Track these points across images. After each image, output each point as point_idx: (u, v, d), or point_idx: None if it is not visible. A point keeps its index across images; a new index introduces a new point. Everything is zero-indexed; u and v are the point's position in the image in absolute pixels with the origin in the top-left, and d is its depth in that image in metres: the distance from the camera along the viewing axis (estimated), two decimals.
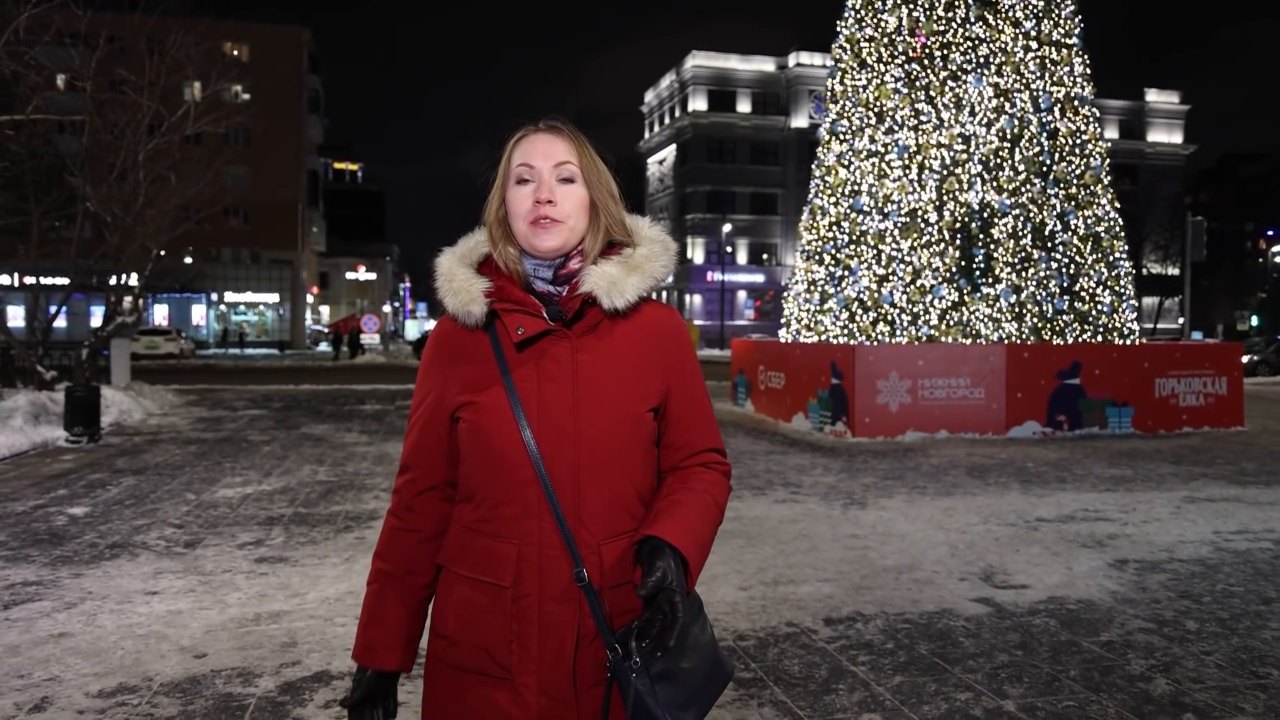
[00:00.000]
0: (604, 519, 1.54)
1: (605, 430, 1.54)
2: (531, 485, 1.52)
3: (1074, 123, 14.04)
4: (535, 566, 1.52)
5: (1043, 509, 7.48)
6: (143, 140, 15.23)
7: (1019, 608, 4.84)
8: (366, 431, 12.58)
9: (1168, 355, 13.07)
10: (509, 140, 1.61)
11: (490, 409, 1.54)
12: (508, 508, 1.54)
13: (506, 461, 1.53)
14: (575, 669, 1.52)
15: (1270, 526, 6.80)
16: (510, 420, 1.53)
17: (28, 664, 4.04)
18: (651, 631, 1.43)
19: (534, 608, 1.52)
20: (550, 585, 1.52)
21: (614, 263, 1.59)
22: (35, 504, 7.64)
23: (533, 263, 1.59)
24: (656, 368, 1.61)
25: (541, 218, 1.54)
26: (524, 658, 1.52)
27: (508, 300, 1.57)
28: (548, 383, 1.54)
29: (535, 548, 1.52)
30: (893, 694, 3.71)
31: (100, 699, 3.67)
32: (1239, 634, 4.42)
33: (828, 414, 12.51)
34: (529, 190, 1.56)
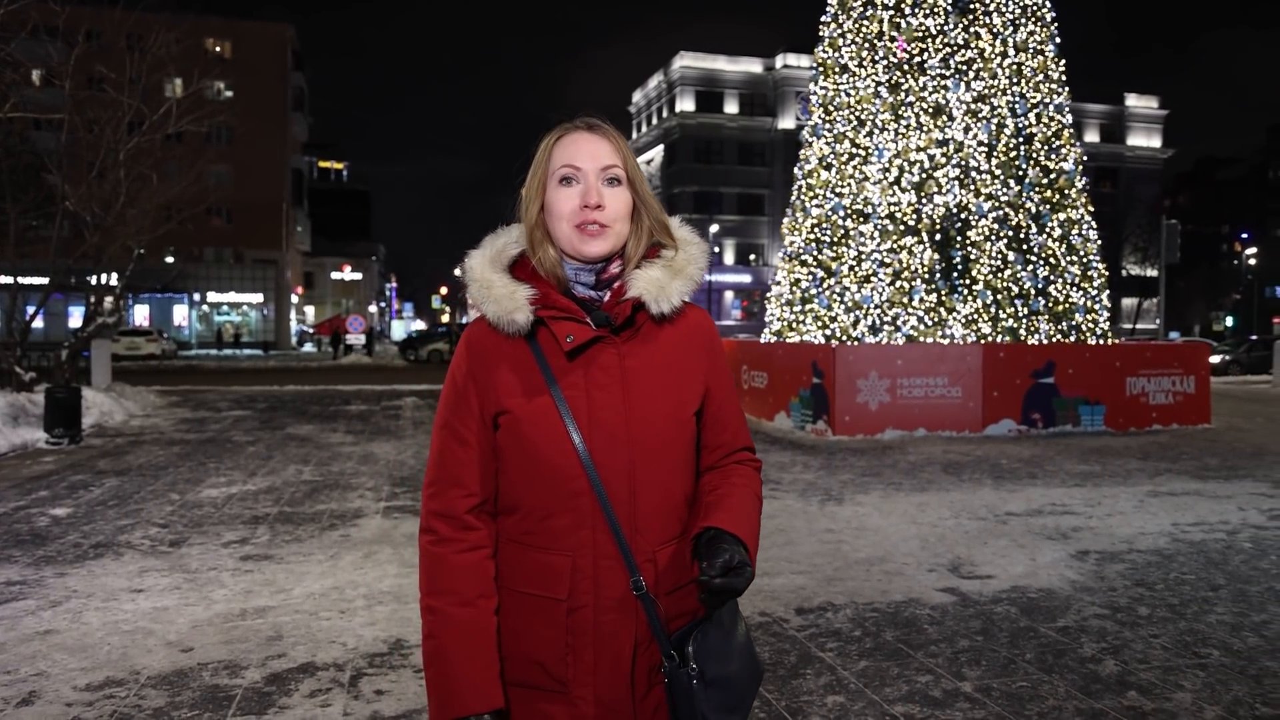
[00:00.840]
0: (658, 525, 1.53)
1: (657, 435, 1.53)
2: (585, 495, 1.49)
3: (1050, 128, 14.27)
4: (590, 578, 1.50)
5: (1013, 504, 7.66)
6: (123, 138, 15.20)
7: (983, 597, 5.02)
8: (352, 432, 12.67)
9: (1138, 355, 13.31)
10: (548, 138, 1.57)
11: (538, 417, 1.50)
12: (559, 519, 1.50)
13: (557, 471, 1.49)
14: (633, 677, 1.51)
15: (1226, 518, 7.01)
16: (560, 429, 1.49)
17: (14, 660, 4.14)
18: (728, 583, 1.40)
19: (589, 619, 1.50)
20: (606, 595, 1.50)
21: (658, 266, 1.57)
22: (16, 505, 7.70)
23: (573, 267, 1.55)
24: (698, 370, 1.60)
25: (590, 222, 1.51)
26: (580, 669, 1.50)
27: (553, 308, 1.52)
28: (597, 390, 1.51)
29: (590, 559, 1.50)
30: (857, 677, 3.87)
31: (88, 692, 3.79)
32: (1186, 618, 4.62)
33: (809, 413, 12.68)
34: (575, 192, 1.52)
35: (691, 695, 1.45)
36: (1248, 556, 5.86)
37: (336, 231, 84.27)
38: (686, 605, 1.55)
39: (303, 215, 64.69)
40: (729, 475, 1.61)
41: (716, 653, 1.48)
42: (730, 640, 1.51)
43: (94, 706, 3.63)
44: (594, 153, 1.52)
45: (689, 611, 1.55)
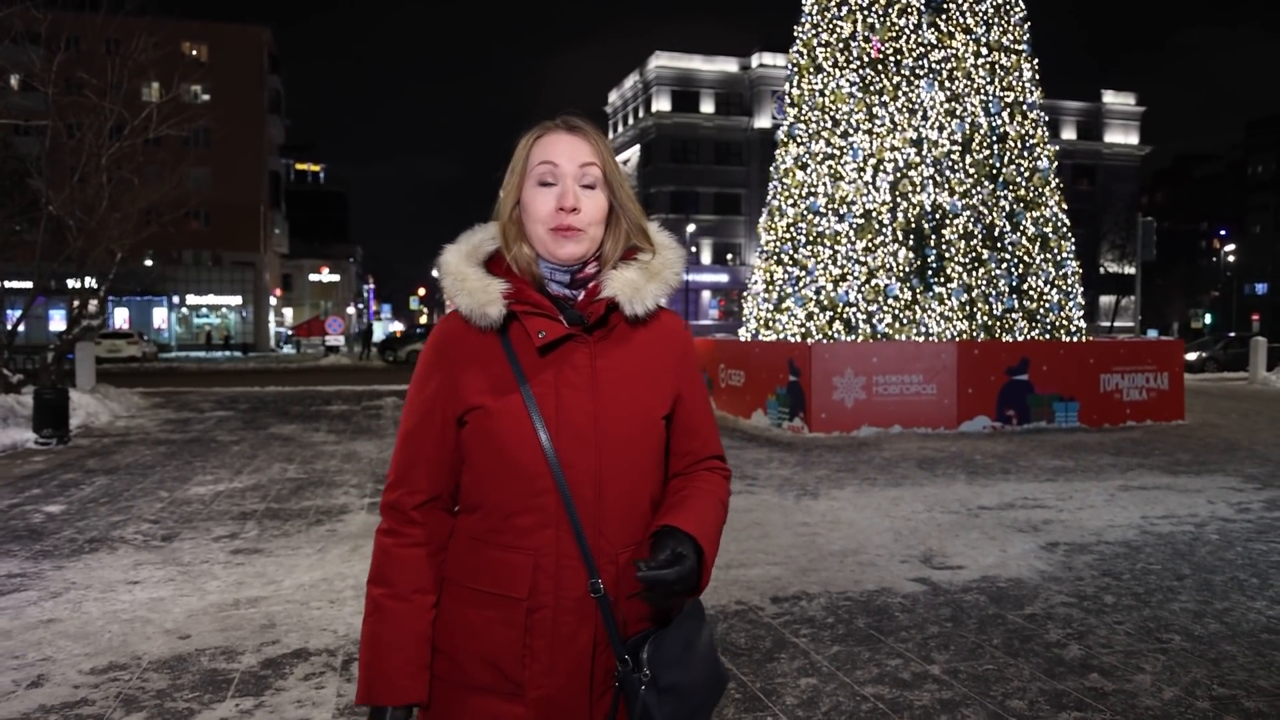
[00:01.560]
0: (622, 528, 1.51)
1: (625, 437, 1.51)
2: (550, 494, 1.46)
3: (1023, 127, 14.54)
4: (552, 577, 1.47)
5: (985, 498, 7.88)
6: (105, 143, 15.24)
7: (953, 586, 5.21)
8: (334, 431, 12.77)
9: (1112, 352, 13.60)
10: (528, 137, 1.55)
11: (505, 414, 1.48)
12: (523, 517, 1.48)
13: (523, 470, 1.47)
14: (591, 679, 1.49)
15: (1194, 511, 7.24)
16: (528, 426, 1.47)
17: (21, 646, 4.28)
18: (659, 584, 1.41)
19: (548, 620, 1.47)
20: (566, 596, 1.47)
21: (634, 269, 1.55)
22: (10, 503, 7.79)
23: (549, 265, 1.54)
24: (670, 374, 1.59)
25: (564, 226, 1.49)
26: (536, 670, 1.47)
27: (526, 303, 1.51)
28: (567, 388, 1.49)
29: (553, 558, 1.47)
30: (829, 661, 4.05)
31: (93, 675, 3.92)
32: (1150, 606, 4.82)
33: (785, 410, 12.88)
34: (552, 194, 1.50)
35: (641, 701, 1.44)
36: (1214, 548, 6.07)
37: (314, 233, 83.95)
38: (647, 610, 1.51)
39: (280, 217, 64.44)
40: (694, 480, 1.60)
41: (673, 660, 1.47)
42: (690, 649, 1.49)
43: (100, 688, 3.77)
44: (573, 153, 1.51)
45: (650, 617, 1.52)
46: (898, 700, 3.62)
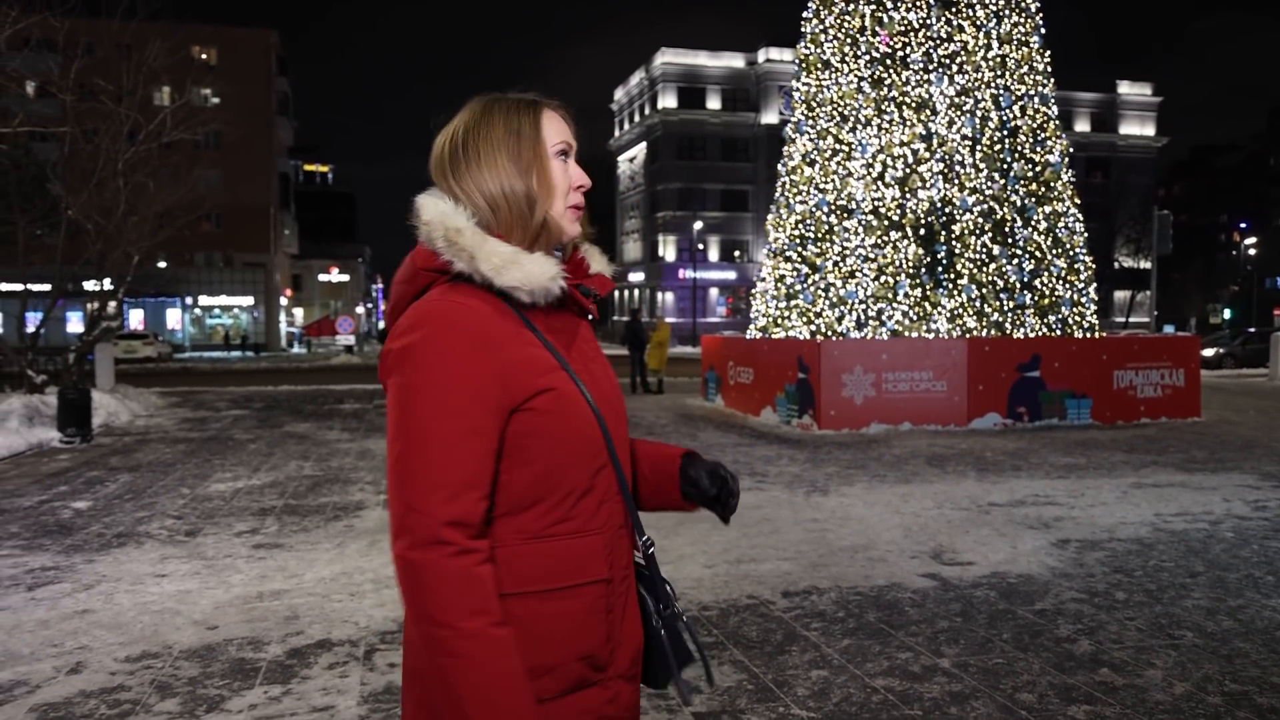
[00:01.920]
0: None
1: (622, 403, 1.55)
2: (607, 468, 1.44)
3: (1035, 120, 14.55)
4: (614, 550, 1.45)
5: (996, 495, 7.94)
6: (121, 148, 15.44)
7: (963, 581, 5.29)
8: (348, 429, 12.90)
9: (1126, 348, 13.61)
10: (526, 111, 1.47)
11: (565, 394, 1.40)
12: (589, 497, 1.42)
13: (590, 446, 1.42)
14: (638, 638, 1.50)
15: (1209, 509, 7.28)
16: (584, 403, 1.42)
17: (58, 635, 4.42)
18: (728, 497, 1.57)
19: (619, 593, 1.45)
20: (620, 564, 1.46)
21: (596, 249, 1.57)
22: (40, 499, 7.95)
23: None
24: None
25: (579, 205, 1.50)
26: (611, 649, 1.44)
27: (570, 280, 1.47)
28: (590, 362, 1.49)
29: (612, 530, 1.45)
30: (840, 654, 4.14)
31: (128, 663, 4.05)
32: (1162, 603, 4.88)
33: (794, 407, 12.95)
34: (568, 170, 1.48)
35: (688, 636, 1.51)
36: (1228, 545, 6.10)
37: (323, 234, 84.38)
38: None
39: (290, 218, 64.77)
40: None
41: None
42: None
43: (135, 675, 3.91)
44: (572, 132, 1.50)
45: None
46: (908, 692, 3.70)
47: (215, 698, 3.69)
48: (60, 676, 3.93)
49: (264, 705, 3.63)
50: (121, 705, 3.63)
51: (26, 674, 3.96)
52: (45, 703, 3.66)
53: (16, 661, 4.11)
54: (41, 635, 4.45)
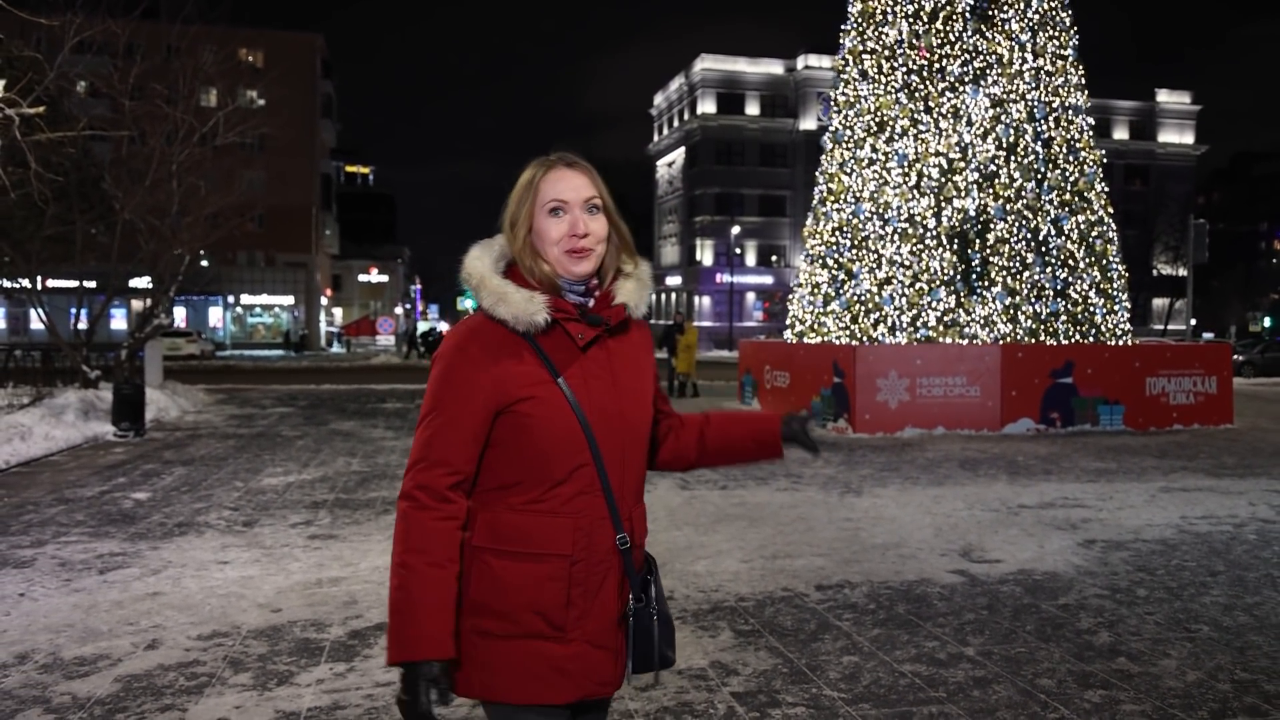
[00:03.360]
0: (635, 491, 1.86)
1: (639, 417, 1.86)
2: (588, 466, 1.76)
3: (1068, 131, 14.62)
4: (587, 535, 1.77)
5: (1026, 497, 8.09)
6: (176, 150, 15.90)
7: (990, 578, 5.47)
8: (391, 428, 13.26)
9: (1158, 355, 13.65)
10: (532, 172, 1.82)
11: (550, 402, 1.75)
12: (564, 487, 1.76)
13: (568, 447, 1.75)
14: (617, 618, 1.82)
15: (1234, 513, 7.40)
16: (569, 412, 1.75)
17: (133, 615, 4.74)
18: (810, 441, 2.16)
19: (583, 571, 1.76)
20: (595, 550, 1.77)
21: (632, 280, 1.88)
22: (101, 490, 8.35)
23: (565, 280, 1.82)
24: (651, 365, 1.95)
25: (579, 249, 1.78)
26: (573, 615, 1.76)
27: (561, 311, 1.79)
28: (593, 380, 1.80)
29: (588, 519, 1.77)
30: (870, 642, 4.35)
31: (201, 641, 4.36)
32: (1182, 599, 5.04)
33: (830, 411, 13.12)
34: (564, 222, 1.78)
35: (650, 632, 1.84)
36: (1250, 547, 6.25)
37: (363, 235, 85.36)
38: (640, 557, 1.87)
39: (331, 219, 65.67)
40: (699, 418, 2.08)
41: (661, 596, 1.88)
42: (662, 588, 1.90)
43: (208, 651, 4.21)
44: (577, 186, 1.78)
45: (641, 563, 1.87)
46: (933, 677, 3.91)
47: (285, 673, 3.98)
48: (139, 652, 4.24)
49: (330, 680, 3.91)
50: (199, 678, 3.93)
51: (107, 649, 4.27)
52: (128, 674, 3.97)
53: (97, 638, 4.42)
54: (117, 614, 4.77)
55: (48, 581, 5.37)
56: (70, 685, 3.83)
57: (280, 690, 3.79)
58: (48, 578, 5.45)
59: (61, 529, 6.75)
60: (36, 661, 4.09)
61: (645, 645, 1.84)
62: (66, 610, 4.83)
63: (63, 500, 7.88)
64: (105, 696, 3.71)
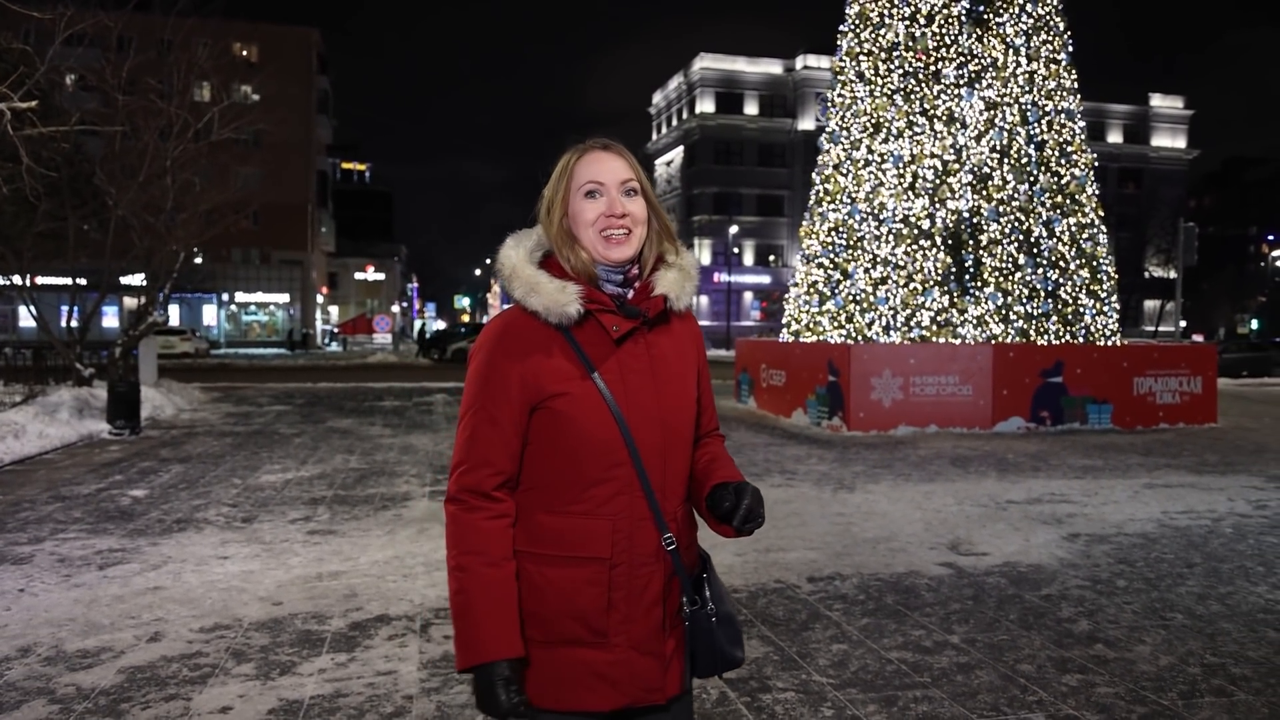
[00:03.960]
0: (679, 490, 1.78)
1: (680, 414, 1.78)
2: (625, 466, 1.69)
3: (1061, 134, 14.76)
4: (627, 537, 1.70)
5: (1014, 493, 8.21)
6: (171, 145, 15.90)
7: (977, 570, 5.59)
8: (389, 425, 13.35)
9: (1146, 355, 13.79)
10: (569, 157, 1.77)
11: (585, 399, 1.68)
12: (601, 487, 1.70)
13: (603, 445, 1.69)
14: (663, 623, 1.75)
15: (1213, 508, 7.53)
16: (605, 409, 1.69)
17: (135, 609, 4.82)
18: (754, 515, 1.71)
19: (625, 575, 1.70)
20: (639, 552, 1.71)
21: (674, 270, 1.80)
22: (98, 487, 8.42)
23: (603, 268, 1.75)
24: (695, 362, 1.86)
25: (615, 229, 1.72)
26: (615, 619, 1.70)
27: (595, 302, 1.72)
28: (631, 375, 1.72)
29: (628, 521, 1.70)
30: (859, 631, 4.46)
31: (203, 633, 4.45)
32: (1159, 589, 5.17)
33: (825, 409, 13.24)
34: (599, 204, 1.72)
35: (712, 631, 1.76)
36: (1227, 540, 6.39)
37: (360, 232, 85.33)
38: (689, 559, 1.80)
39: (327, 216, 65.63)
40: (713, 446, 1.92)
41: (719, 595, 1.79)
42: (722, 585, 1.82)
43: (211, 643, 4.30)
44: (613, 169, 1.73)
45: (690, 565, 1.80)
46: (919, 663, 4.03)
47: (287, 663, 4.08)
48: (141, 644, 4.32)
49: (332, 670, 4.01)
50: (202, 668, 4.02)
51: (110, 641, 4.36)
52: (131, 665, 4.06)
53: (99, 631, 4.51)
54: (119, 608, 4.85)
55: (47, 577, 5.44)
56: (74, 677, 3.92)
57: (283, 679, 3.89)
58: (47, 573, 5.52)
59: (59, 526, 6.82)
60: (39, 654, 4.17)
61: (706, 646, 1.78)
62: (67, 605, 4.91)
63: (59, 498, 7.94)
64: (109, 687, 3.81)
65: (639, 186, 1.75)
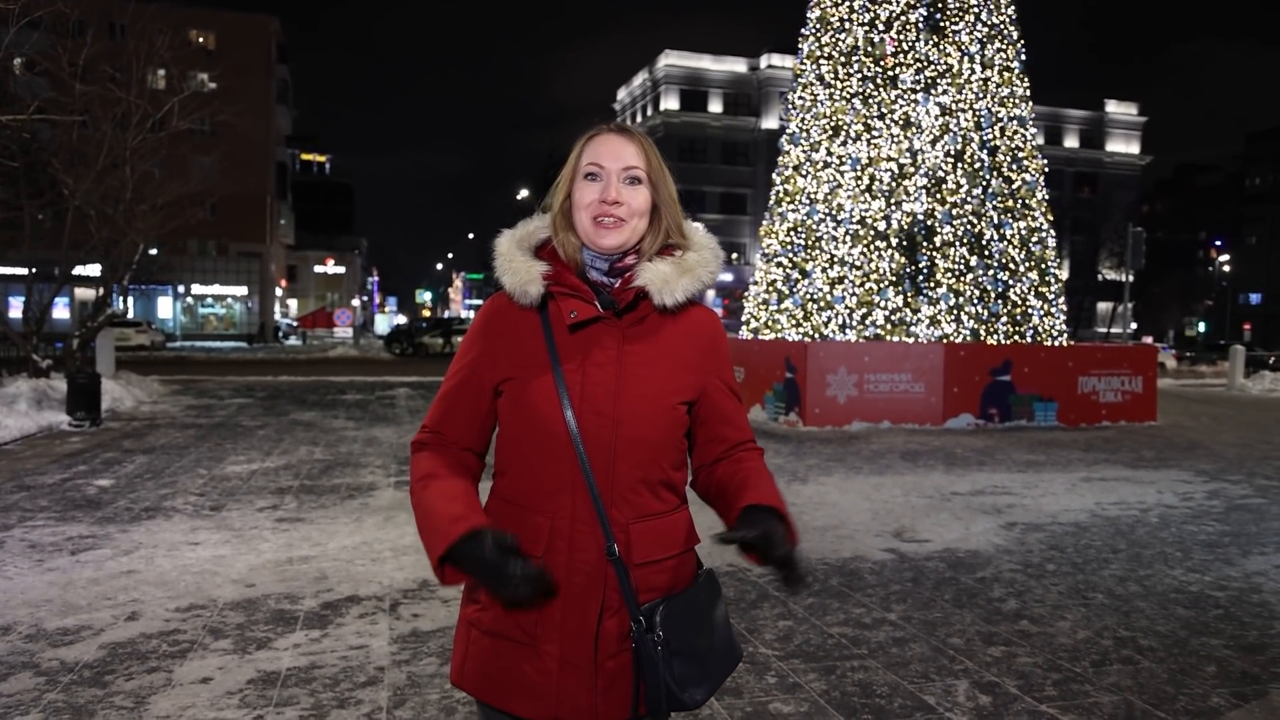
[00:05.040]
0: (633, 500, 1.62)
1: (643, 417, 1.63)
2: (568, 461, 1.59)
3: (1013, 141, 15.24)
4: (566, 538, 1.60)
5: (959, 485, 8.59)
6: (130, 135, 15.77)
7: (918, 555, 5.92)
8: (353, 418, 13.47)
9: (1090, 356, 14.31)
10: (583, 138, 1.70)
11: (536, 386, 1.62)
12: (544, 481, 1.62)
13: (546, 437, 1.61)
14: (598, 638, 1.60)
15: (1143, 499, 7.97)
16: (554, 399, 1.60)
17: (110, 590, 4.99)
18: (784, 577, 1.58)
19: (561, 577, 1.59)
20: (578, 557, 1.59)
21: (668, 262, 1.69)
22: (62, 477, 8.49)
23: (590, 254, 1.67)
24: (696, 366, 1.71)
25: (606, 215, 1.64)
26: (547, 625, 1.59)
27: (563, 285, 1.65)
28: (593, 367, 1.62)
29: (567, 521, 1.60)
30: (804, 610, 4.76)
31: (179, 613, 4.63)
32: (1084, 573, 5.54)
33: (782, 405, 13.58)
34: (596, 187, 1.65)
35: (656, 663, 1.57)
36: (1151, 529, 6.81)
37: (319, 225, 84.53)
38: (655, 581, 1.63)
39: (286, 208, 65.00)
40: (745, 460, 1.75)
41: (686, 626, 1.60)
42: (706, 617, 1.63)
43: (188, 622, 4.49)
44: (618, 153, 1.66)
45: (658, 588, 1.63)
46: (858, 637, 4.33)
47: (263, 639, 4.28)
48: (119, 623, 4.50)
49: (306, 645, 4.22)
50: (181, 644, 4.21)
51: (89, 620, 4.53)
52: (112, 641, 4.24)
53: (77, 611, 4.67)
54: (94, 590, 5.01)
55: (19, 562, 5.56)
56: (57, 652, 4.09)
57: (259, 653, 4.09)
58: (18, 558, 5.64)
59: (26, 514, 6.92)
60: (20, 633, 4.33)
61: (651, 680, 1.58)
62: (43, 587, 5.05)
63: (24, 487, 8.01)
64: (92, 661, 3.99)
65: (644, 175, 1.68)
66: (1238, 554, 6.08)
